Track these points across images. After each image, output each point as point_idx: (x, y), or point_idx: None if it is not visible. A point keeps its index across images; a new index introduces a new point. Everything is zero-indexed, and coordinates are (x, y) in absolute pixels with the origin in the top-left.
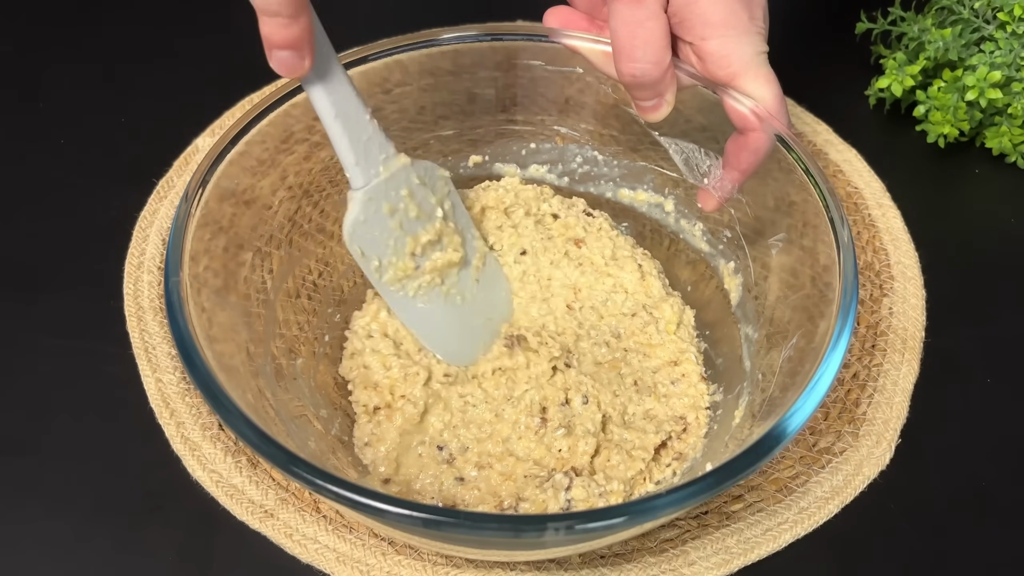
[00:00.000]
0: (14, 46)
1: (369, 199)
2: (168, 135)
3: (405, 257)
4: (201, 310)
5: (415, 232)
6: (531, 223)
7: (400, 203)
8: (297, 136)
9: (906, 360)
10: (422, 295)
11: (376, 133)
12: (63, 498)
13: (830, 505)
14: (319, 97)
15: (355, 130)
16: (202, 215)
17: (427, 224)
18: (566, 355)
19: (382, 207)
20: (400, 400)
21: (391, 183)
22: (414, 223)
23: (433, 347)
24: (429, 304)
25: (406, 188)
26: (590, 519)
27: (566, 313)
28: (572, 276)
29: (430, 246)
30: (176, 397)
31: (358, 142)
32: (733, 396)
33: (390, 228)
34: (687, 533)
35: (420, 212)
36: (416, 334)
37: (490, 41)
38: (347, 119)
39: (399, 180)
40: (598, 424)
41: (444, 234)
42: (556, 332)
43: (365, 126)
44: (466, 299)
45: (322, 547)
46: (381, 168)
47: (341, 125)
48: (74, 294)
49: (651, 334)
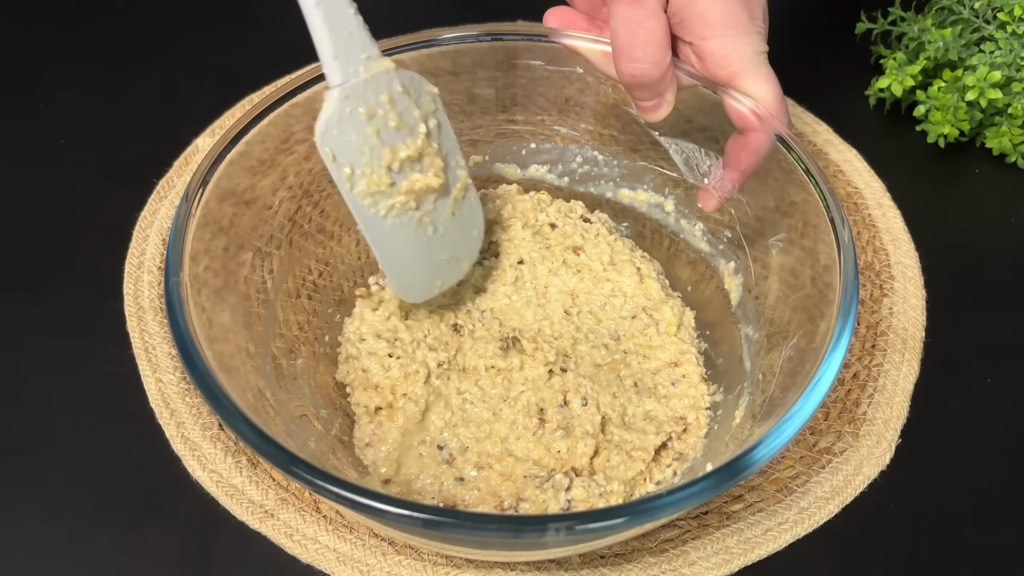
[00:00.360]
0: (14, 46)
1: (345, 97)
2: (168, 135)
3: (380, 169)
4: (201, 310)
5: (394, 144)
6: (529, 234)
7: (379, 109)
8: (297, 136)
9: (906, 360)
10: (393, 216)
11: (360, 30)
12: (63, 498)
13: (830, 505)
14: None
15: (337, 21)
16: (202, 215)
17: (408, 139)
18: (562, 359)
19: (359, 109)
20: (402, 399)
21: (371, 85)
22: (393, 134)
23: (390, 273)
24: (399, 228)
25: (387, 94)
26: (590, 520)
27: (563, 318)
28: (570, 283)
29: (409, 163)
30: (176, 397)
31: (339, 35)
32: (733, 396)
33: (366, 134)
34: (687, 533)
35: (401, 123)
36: (377, 255)
37: (490, 41)
38: (329, 7)
39: (380, 83)
40: (597, 426)
41: (425, 154)
42: (552, 336)
43: (349, 19)
44: (438, 231)
45: (322, 547)
46: (362, 68)
47: (323, 13)
48: (74, 294)
49: (651, 336)
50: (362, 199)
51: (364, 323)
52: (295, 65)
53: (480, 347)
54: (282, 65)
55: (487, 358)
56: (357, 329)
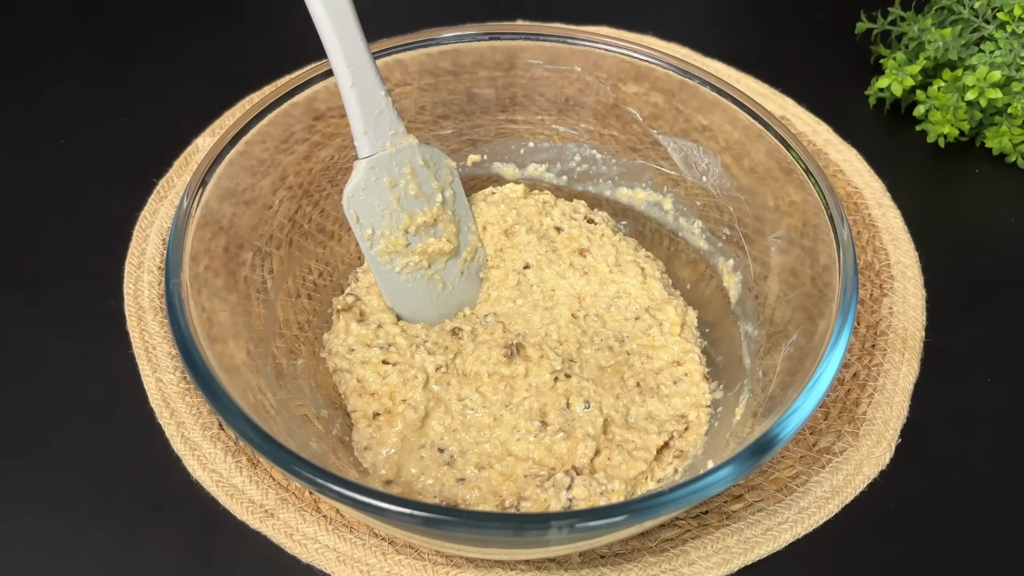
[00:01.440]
0: (14, 46)
1: (372, 168)
2: (168, 135)
3: (398, 232)
4: (201, 310)
5: (412, 210)
6: (534, 239)
7: (401, 179)
8: (297, 136)
9: (906, 360)
10: (407, 272)
11: (389, 110)
12: (63, 498)
13: (830, 505)
14: (339, 66)
15: (369, 102)
16: (202, 215)
17: (425, 206)
18: (568, 364)
19: (383, 179)
20: (401, 404)
21: (396, 158)
22: (412, 201)
23: (397, 308)
24: (411, 283)
25: (409, 166)
26: (591, 517)
27: (570, 321)
28: (577, 285)
29: (424, 228)
30: (176, 397)
31: (370, 114)
32: (733, 394)
33: (388, 201)
34: (687, 533)
35: (420, 192)
36: (386, 298)
37: (490, 41)
38: (363, 90)
39: (404, 157)
40: (599, 428)
41: (440, 220)
42: (559, 340)
43: (379, 100)
44: (447, 287)
45: (322, 547)
46: (388, 143)
47: (356, 95)
48: (74, 294)
49: (654, 336)
50: (380, 256)
51: (351, 335)
52: (295, 65)
53: (483, 352)
54: (282, 65)
55: (490, 364)
56: (344, 342)
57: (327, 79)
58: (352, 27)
